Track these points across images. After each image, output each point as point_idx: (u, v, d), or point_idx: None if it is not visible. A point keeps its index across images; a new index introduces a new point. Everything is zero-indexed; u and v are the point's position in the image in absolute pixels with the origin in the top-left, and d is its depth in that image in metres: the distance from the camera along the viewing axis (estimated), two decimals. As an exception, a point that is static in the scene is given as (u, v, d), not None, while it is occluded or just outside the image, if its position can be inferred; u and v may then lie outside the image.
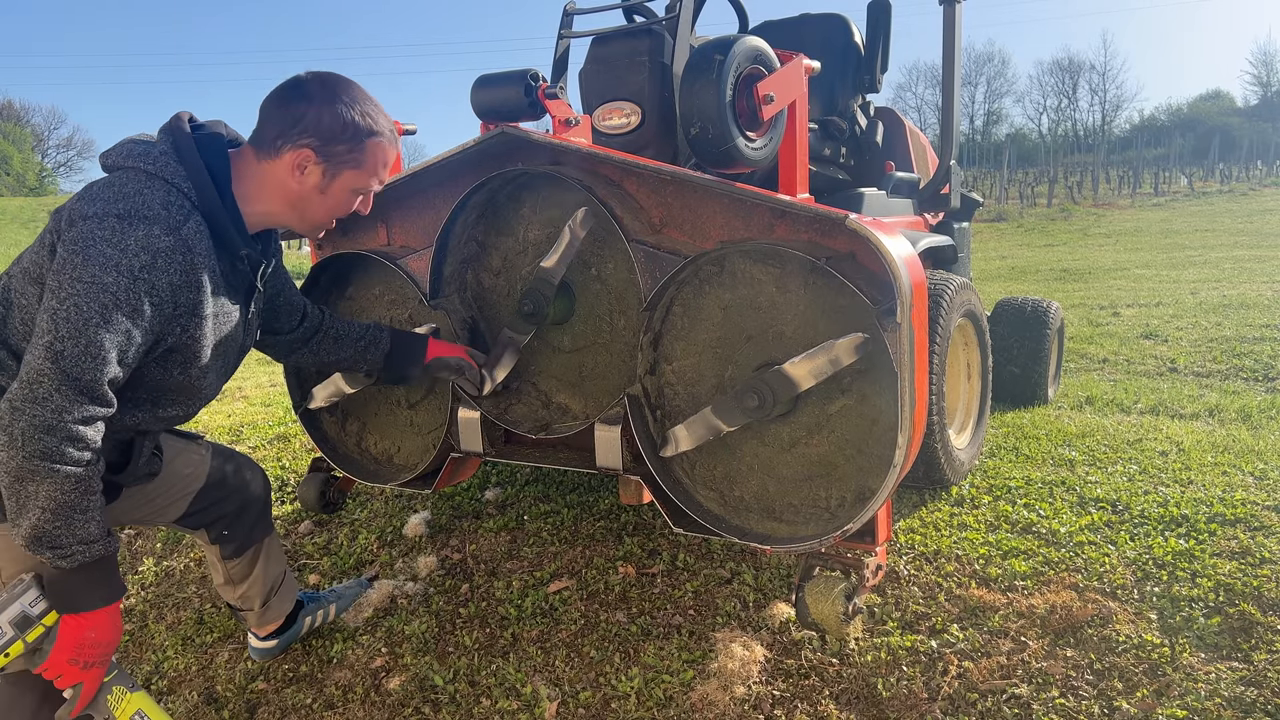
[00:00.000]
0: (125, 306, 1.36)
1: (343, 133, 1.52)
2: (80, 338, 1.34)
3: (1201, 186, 30.57)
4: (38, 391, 1.34)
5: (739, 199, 1.87)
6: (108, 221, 1.36)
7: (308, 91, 1.52)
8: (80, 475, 1.39)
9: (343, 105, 1.52)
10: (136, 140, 1.51)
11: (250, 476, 2.10)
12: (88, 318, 1.34)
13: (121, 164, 1.46)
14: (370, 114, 1.56)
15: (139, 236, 1.37)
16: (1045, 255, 16.30)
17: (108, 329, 1.36)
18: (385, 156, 1.62)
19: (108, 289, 1.35)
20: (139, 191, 1.41)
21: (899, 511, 2.72)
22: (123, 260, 1.35)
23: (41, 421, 1.34)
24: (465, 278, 2.36)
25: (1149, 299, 8.46)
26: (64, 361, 1.34)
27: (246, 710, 2.14)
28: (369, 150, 1.57)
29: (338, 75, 1.58)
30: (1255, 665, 1.88)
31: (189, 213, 1.45)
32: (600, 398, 2.21)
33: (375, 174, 1.62)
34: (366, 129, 1.55)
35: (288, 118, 1.50)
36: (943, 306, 2.52)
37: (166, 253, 1.39)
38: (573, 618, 2.31)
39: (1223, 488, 2.74)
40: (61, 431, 1.35)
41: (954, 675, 1.95)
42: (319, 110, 1.50)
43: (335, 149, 1.53)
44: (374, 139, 1.57)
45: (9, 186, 49.33)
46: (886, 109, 3.56)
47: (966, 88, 58.21)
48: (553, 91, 2.05)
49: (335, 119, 1.51)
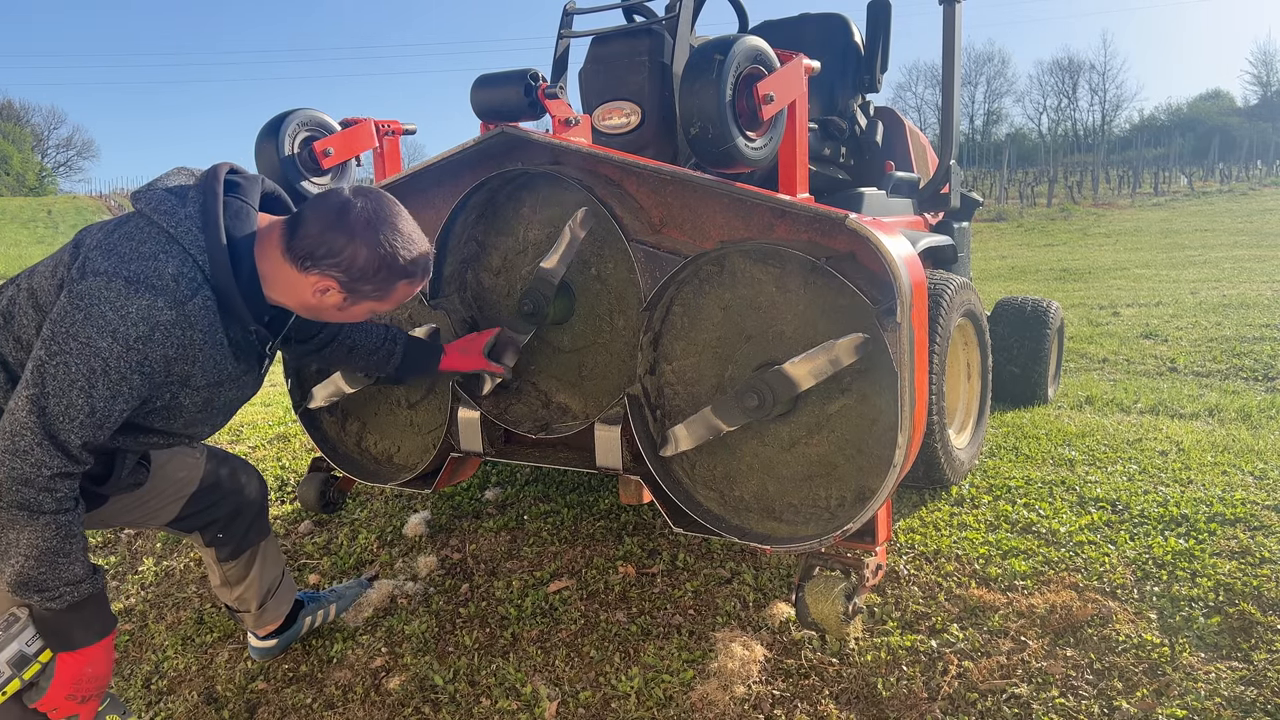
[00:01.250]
0: (114, 374, 1.37)
1: (375, 275, 1.50)
2: (63, 398, 1.35)
3: (1201, 186, 30.57)
4: (19, 444, 1.36)
5: (739, 199, 1.87)
6: (115, 283, 1.36)
7: (351, 224, 1.47)
8: (60, 522, 1.41)
9: (383, 247, 1.48)
10: (172, 189, 1.48)
11: (246, 479, 2.09)
12: (74, 379, 1.35)
13: (149, 213, 1.44)
14: (406, 253, 1.51)
15: (142, 306, 1.36)
16: (1045, 255, 16.30)
17: (91, 394, 1.36)
18: (411, 291, 1.59)
19: (100, 354, 1.35)
20: (154, 255, 1.40)
21: (899, 511, 2.72)
22: (120, 328, 1.35)
23: (20, 474, 1.36)
24: (465, 278, 2.36)
25: (1149, 299, 8.46)
26: (46, 418, 1.36)
27: (246, 710, 2.14)
28: (396, 289, 1.55)
29: (388, 205, 1.52)
30: (1255, 665, 1.88)
31: (198, 287, 1.42)
32: (600, 397, 2.21)
33: (396, 304, 1.61)
34: (401, 271, 1.52)
35: (324, 244, 1.46)
36: (943, 306, 2.52)
37: (166, 326, 1.39)
38: (573, 618, 2.31)
39: (1223, 487, 2.74)
40: (39, 484, 1.37)
41: (954, 675, 1.95)
42: (356, 248, 1.46)
43: (362, 287, 1.51)
44: (404, 280, 1.55)
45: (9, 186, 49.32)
46: (886, 109, 3.56)
47: (966, 87, 58.22)
48: (553, 91, 2.05)
49: (370, 260, 1.48)
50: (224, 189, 1.50)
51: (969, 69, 59.26)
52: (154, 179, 1.54)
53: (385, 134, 2.69)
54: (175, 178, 1.53)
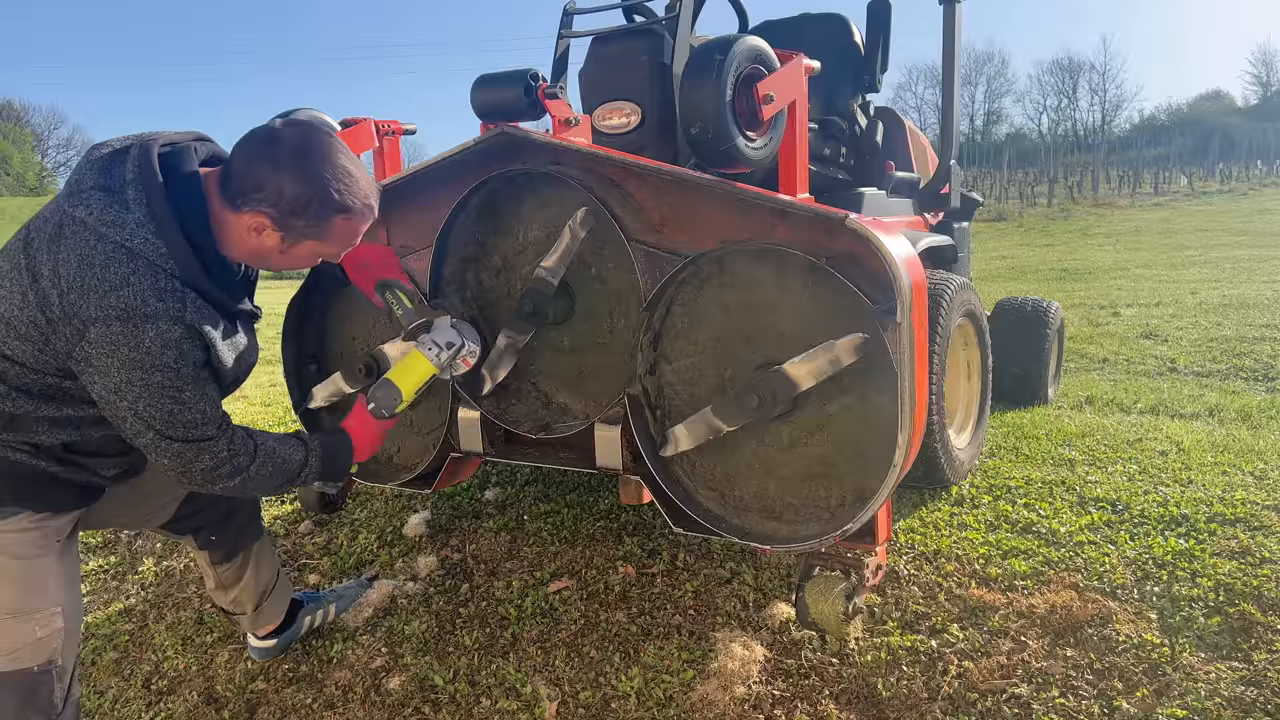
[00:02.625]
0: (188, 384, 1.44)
1: (305, 209, 1.41)
2: (175, 423, 1.45)
3: (1201, 186, 30.57)
4: (184, 461, 1.49)
5: (739, 199, 1.87)
6: (113, 327, 1.34)
7: (277, 156, 1.39)
8: (259, 458, 1.58)
9: (312, 179, 1.40)
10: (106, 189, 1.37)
11: None
12: (166, 409, 1.43)
13: (95, 224, 1.35)
14: (343, 188, 1.43)
15: (153, 337, 1.37)
16: (1045, 255, 16.30)
17: (184, 404, 1.45)
18: (353, 229, 1.51)
19: (163, 385, 1.41)
20: (125, 280, 1.34)
21: (899, 511, 2.72)
22: (154, 360, 1.38)
23: (208, 470, 1.52)
24: (465, 278, 2.36)
25: (1149, 299, 8.45)
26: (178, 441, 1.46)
27: (246, 710, 2.14)
28: (333, 226, 1.47)
29: (317, 135, 1.44)
30: (1255, 665, 1.88)
31: (182, 295, 1.40)
32: (600, 398, 2.21)
33: (340, 244, 1.52)
34: (336, 205, 1.43)
35: (252, 179, 1.40)
36: (943, 306, 2.52)
37: (180, 341, 1.41)
38: (573, 618, 2.31)
39: (1223, 487, 2.74)
40: (224, 462, 1.53)
41: (954, 675, 1.95)
42: (284, 179, 1.39)
43: (294, 223, 1.43)
44: (340, 215, 1.46)
45: (9, 186, 49.34)
46: (886, 109, 3.56)
47: (966, 88, 58.19)
48: (553, 91, 2.05)
49: (299, 194, 1.40)
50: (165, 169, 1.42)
51: (969, 69, 59.27)
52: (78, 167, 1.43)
53: (385, 134, 2.69)
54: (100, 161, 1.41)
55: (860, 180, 3.23)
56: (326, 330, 2.63)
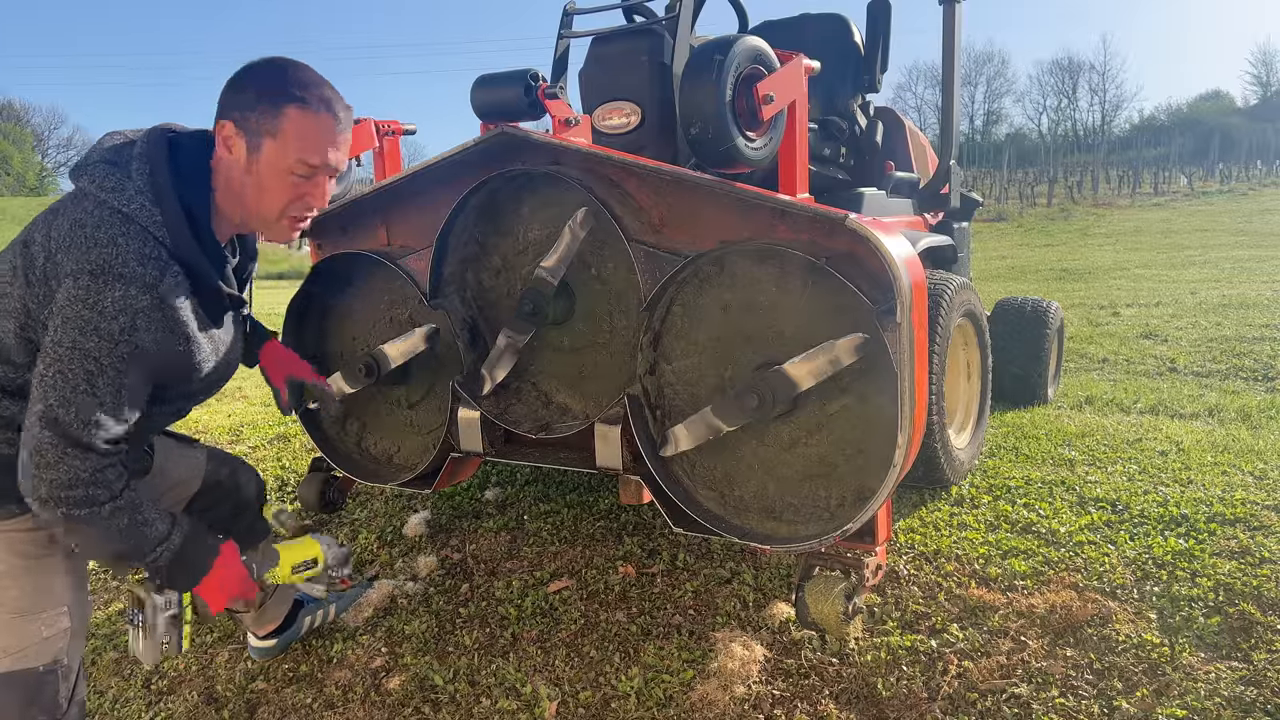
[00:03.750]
0: (109, 370, 1.34)
1: (262, 99, 1.42)
2: (70, 405, 1.34)
3: (1201, 186, 30.57)
4: (46, 459, 1.35)
5: (739, 199, 1.87)
6: (82, 279, 1.32)
7: (243, 74, 1.45)
8: (122, 502, 1.42)
9: (272, 78, 1.44)
10: (112, 163, 1.41)
11: (244, 479, 2.09)
12: (75, 385, 1.33)
13: (95, 191, 1.37)
14: (294, 78, 1.44)
15: (116, 298, 1.33)
16: (1045, 255, 16.30)
17: (96, 392, 1.35)
18: (310, 125, 1.45)
19: (90, 355, 1.32)
20: (113, 240, 1.34)
21: (899, 511, 2.72)
22: (101, 324, 1.32)
23: (59, 481, 1.36)
24: (465, 278, 2.36)
25: (1149, 299, 8.46)
26: (60, 428, 1.34)
27: (246, 710, 2.14)
28: (288, 118, 1.43)
29: (286, 58, 1.49)
30: (1255, 665, 1.88)
31: (165, 265, 1.38)
32: (600, 398, 2.21)
33: (300, 147, 1.45)
34: (287, 96, 1.43)
35: (225, 99, 1.44)
36: (943, 306, 2.52)
37: (146, 312, 1.36)
38: (573, 618, 2.31)
39: (1222, 487, 2.74)
40: (83, 483, 1.37)
41: (954, 675, 1.95)
42: (244, 86, 1.44)
43: (250, 116, 1.42)
44: (294, 105, 1.43)
45: (9, 186, 49.34)
46: (886, 109, 3.56)
47: (966, 88, 58.18)
48: (553, 91, 2.05)
49: (261, 89, 1.43)
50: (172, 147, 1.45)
51: (969, 69, 59.29)
52: (90, 148, 1.47)
53: (385, 134, 2.69)
54: (111, 141, 1.47)
55: (860, 180, 3.23)
56: (327, 330, 2.63)
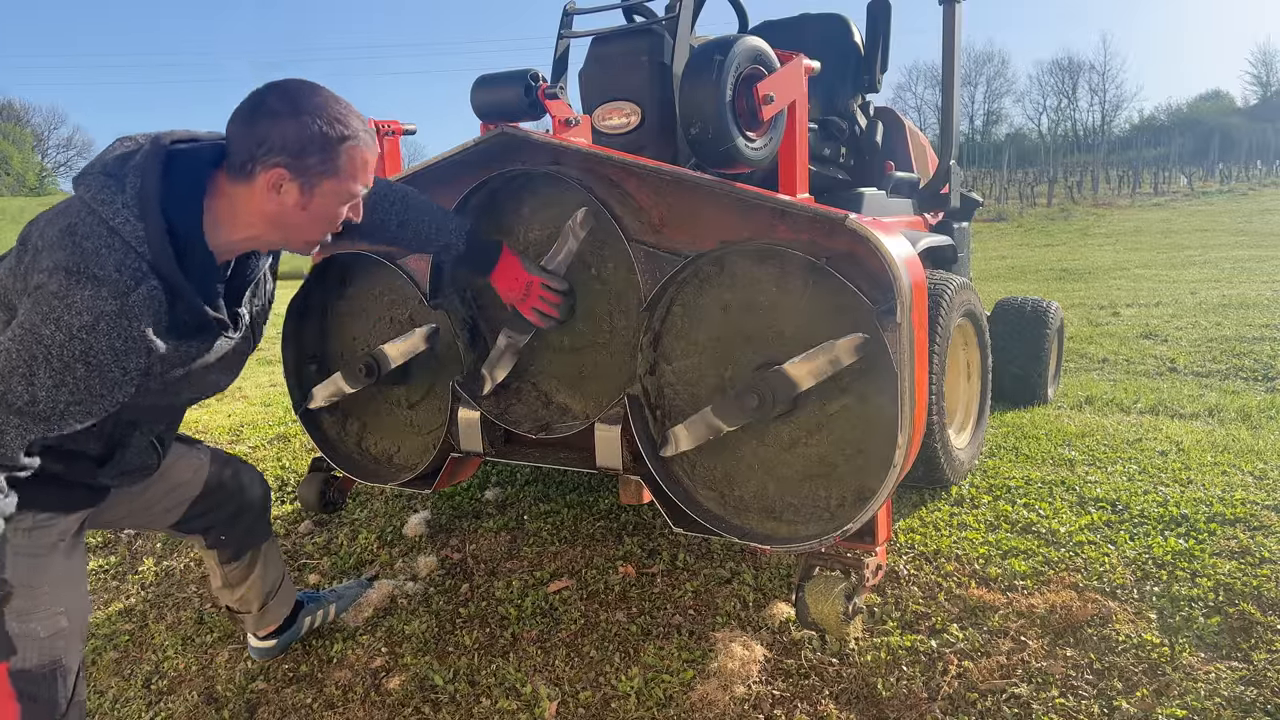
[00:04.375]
0: (55, 361, 1.31)
1: (312, 143, 1.42)
2: (2, 383, 1.30)
3: (1201, 186, 30.57)
4: None
5: (739, 199, 1.87)
6: (57, 275, 1.32)
7: (270, 107, 1.41)
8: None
9: (308, 115, 1.42)
10: (111, 172, 1.40)
11: (248, 482, 2.09)
12: (14, 366, 1.31)
13: (89, 201, 1.38)
14: (339, 117, 1.45)
15: (85, 296, 1.31)
16: (1045, 255, 16.30)
17: (33, 381, 1.31)
18: (363, 157, 1.50)
19: (41, 340, 1.30)
20: (96, 250, 1.34)
21: (899, 511, 2.72)
22: (64, 316, 1.31)
23: None
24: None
25: (1149, 299, 8.46)
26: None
27: (246, 710, 2.14)
28: (344, 155, 1.46)
29: (300, 82, 1.46)
30: (1255, 665, 1.88)
31: (141, 278, 1.37)
32: (600, 398, 2.21)
33: (355, 178, 1.51)
34: (338, 135, 1.44)
35: (253, 138, 1.41)
36: (943, 306, 2.52)
37: (110, 317, 1.33)
38: (573, 618, 2.31)
39: (1222, 487, 2.74)
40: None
41: (954, 675, 1.95)
42: (284, 125, 1.40)
43: (307, 162, 1.43)
44: (347, 143, 1.46)
45: (9, 186, 49.34)
46: (886, 109, 3.56)
47: (966, 88, 58.17)
48: (553, 91, 2.05)
49: (302, 131, 1.41)
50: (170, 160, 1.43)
51: (969, 69, 59.28)
52: (98, 154, 1.47)
53: (385, 134, 2.69)
54: (117, 150, 1.45)
55: (860, 180, 3.23)
56: (327, 330, 2.63)
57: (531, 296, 2.12)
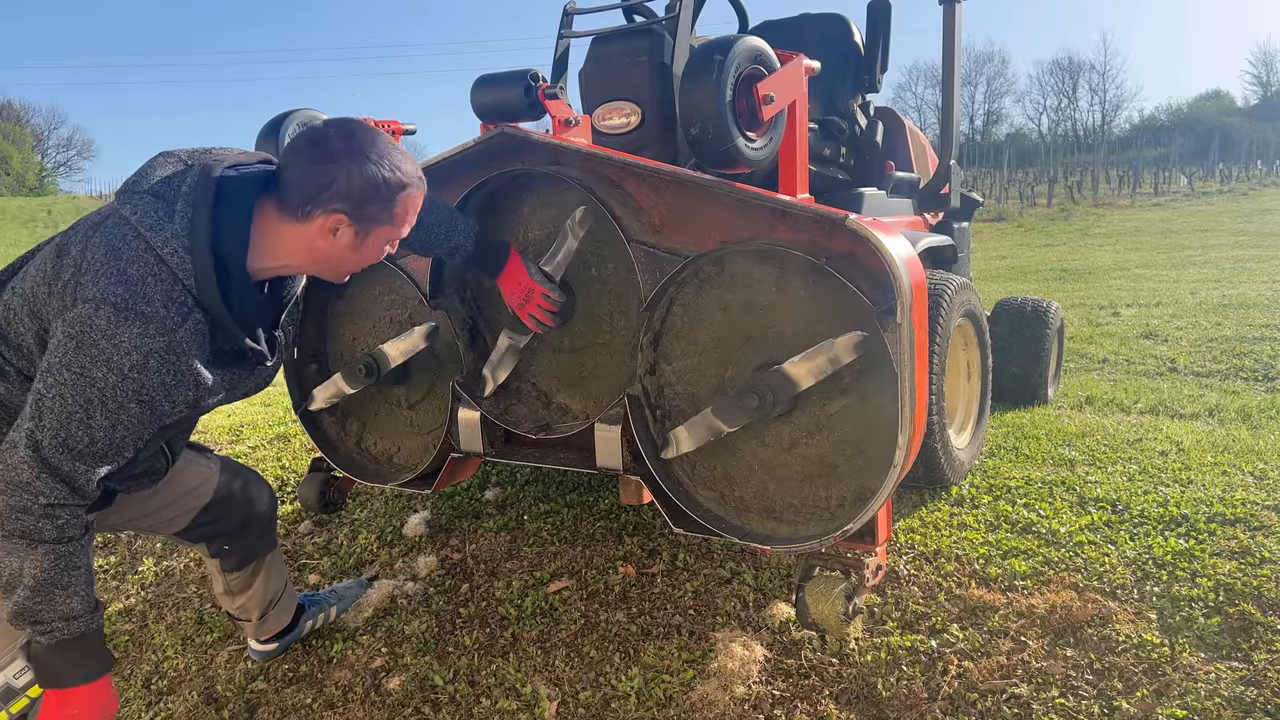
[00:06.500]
0: (110, 403, 1.33)
1: (376, 193, 1.43)
2: (61, 431, 1.33)
3: (1201, 186, 30.54)
4: (19, 477, 1.33)
5: (739, 199, 1.87)
6: (104, 310, 1.31)
7: (333, 151, 1.41)
8: (60, 552, 1.38)
9: (371, 164, 1.42)
10: (159, 194, 1.39)
11: (256, 492, 2.08)
12: (71, 412, 1.32)
13: (136, 224, 1.37)
14: (398, 165, 1.47)
15: (134, 334, 1.32)
16: (1045, 255, 16.30)
17: (90, 424, 1.33)
18: (415, 204, 1.53)
19: (95, 384, 1.31)
20: (143, 279, 1.34)
21: (899, 511, 2.72)
22: (114, 357, 1.31)
23: (19, 504, 1.34)
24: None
25: (1149, 299, 8.46)
26: (43, 451, 1.33)
27: (246, 710, 2.14)
28: (400, 204, 1.49)
29: (361, 127, 1.48)
30: (1255, 665, 1.88)
31: (189, 312, 1.38)
32: (600, 398, 2.21)
33: (406, 222, 1.54)
34: (398, 183, 1.46)
35: (315, 181, 1.41)
36: (943, 306, 2.52)
37: (159, 354, 1.35)
38: (573, 618, 2.31)
39: (1223, 487, 2.74)
40: (38, 512, 1.35)
41: (954, 675, 1.95)
42: (348, 172, 1.41)
43: (367, 211, 1.45)
44: (404, 192, 1.48)
45: (9, 186, 49.33)
46: (886, 109, 3.56)
47: (966, 88, 58.15)
48: (553, 91, 2.05)
49: (366, 181, 1.42)
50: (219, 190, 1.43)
51: (969, 69, 59.26)
52: (141, 169, 1.46)
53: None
54: (163, 168, 1.44)
55: (860, 180, 3.23)
56: (327, 330, 2.63)
57: (531, 303, 2.13)
